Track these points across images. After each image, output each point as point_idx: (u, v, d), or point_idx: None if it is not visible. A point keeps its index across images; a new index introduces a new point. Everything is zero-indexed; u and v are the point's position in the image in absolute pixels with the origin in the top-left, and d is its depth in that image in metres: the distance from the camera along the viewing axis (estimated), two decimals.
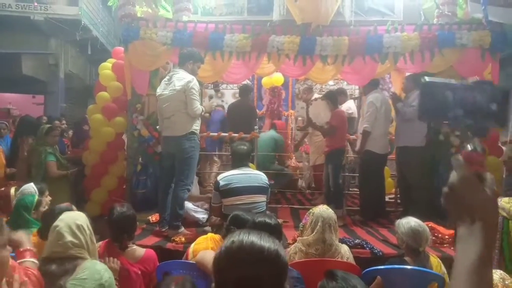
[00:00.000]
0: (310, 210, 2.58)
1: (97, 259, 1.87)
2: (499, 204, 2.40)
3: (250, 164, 4.95)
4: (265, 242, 1.03)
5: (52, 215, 2.65)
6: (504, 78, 5.17)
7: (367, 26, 4.32)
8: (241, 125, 5.15)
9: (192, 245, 2.48)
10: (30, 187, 2.85)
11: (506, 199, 2.56)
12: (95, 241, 1.89)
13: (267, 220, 1.95)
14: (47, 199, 3.04)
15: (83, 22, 8.35)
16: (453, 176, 0.78)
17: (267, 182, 3.39)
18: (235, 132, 4.95)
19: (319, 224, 2.43)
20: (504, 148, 4.58)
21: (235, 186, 3.23)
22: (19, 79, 8.72)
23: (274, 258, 1.02)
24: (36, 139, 4.67)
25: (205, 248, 2.31)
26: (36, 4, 7.71)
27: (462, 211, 0.74)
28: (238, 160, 3.45)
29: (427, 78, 0.88)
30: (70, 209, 2.67)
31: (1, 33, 7.89)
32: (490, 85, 0.86)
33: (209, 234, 2.60)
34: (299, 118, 6.74)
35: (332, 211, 2.53)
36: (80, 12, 8.17)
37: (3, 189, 3.45)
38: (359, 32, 4.27)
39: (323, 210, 2.48)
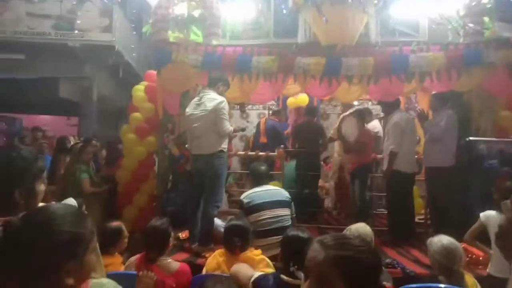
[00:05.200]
0: (348, 227, 2.58)
1: (104, 275, 1.90)
2: None
3: (276, 182, 5.02)
4: None
5: (105, 232, 2.75)
6: None
7: (393, 46, 4.38)
8: (309, 144, 5.48)
9: (205, 266, 2.59)
10: (71, 201, 2.99)
11: None
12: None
13: (300, 235, 1.99)
14: None
15: (116, 48, 8.78)
16: (502, 218, 0.94)
17: (289, 197, 3.44)
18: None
19: None
20: None
21: (257, 202, 3.33)
22: (56, 102, 9.22)
23: None
24: (71, 158, 4.91)
25: (216, 264, 2.40)
26: (76, 31, 8.19)
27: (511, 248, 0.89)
28: (258, 179, 3.55)
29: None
30: (119, 229, 2.78)
31: (41, 59, 8.39)
32: None
33: (217, 251, 2.69)
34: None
35: (369, 228, 2.53)
36: (114, 38, 8.60)
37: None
38: (384, 53, 4.33)
39: (361, 226, 2.49)
